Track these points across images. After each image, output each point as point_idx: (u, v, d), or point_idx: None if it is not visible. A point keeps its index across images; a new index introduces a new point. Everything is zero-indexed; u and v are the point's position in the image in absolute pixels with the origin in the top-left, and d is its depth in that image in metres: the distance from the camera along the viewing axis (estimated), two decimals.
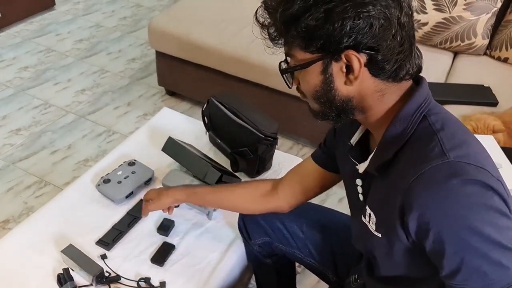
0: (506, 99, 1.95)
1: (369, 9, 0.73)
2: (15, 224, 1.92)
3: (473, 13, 2.19)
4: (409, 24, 0.78)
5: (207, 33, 2.37)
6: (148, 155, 1.60)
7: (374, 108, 0.83)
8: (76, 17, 3.54)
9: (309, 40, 0.77)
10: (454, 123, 0.82)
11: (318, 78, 0.81)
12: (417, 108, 0.81)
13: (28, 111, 2.61)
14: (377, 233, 0.88)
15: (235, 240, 1.36)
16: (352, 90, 0.81)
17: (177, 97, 2.77)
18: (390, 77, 0.79)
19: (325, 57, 0.78)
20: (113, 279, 1.21)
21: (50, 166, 2.26)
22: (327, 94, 0.83)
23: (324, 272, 1.27)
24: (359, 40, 0.74)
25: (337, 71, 0.79)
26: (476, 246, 0.71)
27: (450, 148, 0.75)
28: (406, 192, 0.76)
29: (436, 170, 0.73)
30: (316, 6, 0.74)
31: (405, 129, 0.81)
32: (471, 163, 0.73)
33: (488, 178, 0.72)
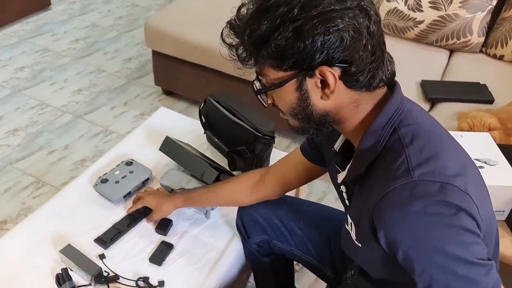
0: (502, 96, 1.95)
1: (338, 22, 0.73)
2: (13, 225, 1.92)
3: (468, 11, 2.20)
4: (378, 31, 0.78)
5: (203, 32, 2.37)
6: (146, 154, 1.60)
7: (349, 119, 0.84)
8: (72, 17, 3.53)
9: (281, 59, 0.77)
10: (426, 134, 0.81)
11: (293, 95, 0.81)
12: (388, 120, 0.81)
13: (25, 111, 2.60)
14: (358, 243, 0.89)
15: (233, 239, 1.36)
16: (328, 104, 0.81)
17: (173, 97, 2.77)
18: (364, 87, 0.79)
19: (299, 74, 0.78)
20: (111, 278, 1.21)
21: (47, 167, 2.26)
22: (304, 110, 0.82)
23: (322, 269, 1.28)
24: (331, 54, 0.74)
25: (312, 87, 0.79)
26: (442, 264, 0.73)
27: (416, 165, 0.75)
28: (374, 211, 0.78)
29: (399, 191, 0.74)
30: (284, 25, 0.74)
31: (377, 142, 0.81)
32: (436, 180, 0.73)
33: (452, 195, 0.73)
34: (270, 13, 0.75)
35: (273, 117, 1.61)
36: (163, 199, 1.34)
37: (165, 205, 1.33)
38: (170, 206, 1.33)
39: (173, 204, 1.33)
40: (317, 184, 2.21)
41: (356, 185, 0.88)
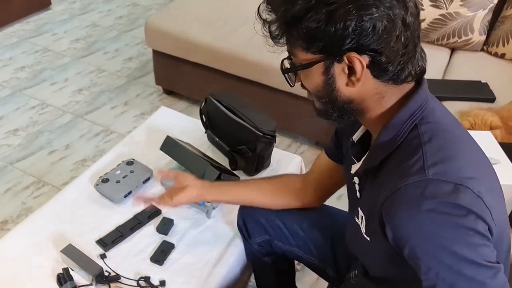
0: (504, 94, 1.95)
1: (372, 11, 0.72)
2: (14, 225, 1.92)
3: (470, 9, 2.19)
4: (414, 24, 0.77)
5: (204, 31, 2.37)
6: (146, 154, 1.60)
7: (372, 110, 0.83)
8: (72, 16, 3.53)
9: (311, 42, 0.76)
10: (445, 134, 0.80)
11: (319, 78, 0.81)
12: (410, 116, 0.80)
13: (25, 111, 2.60)
14: (367, 237, 0.89)
15: (235, 239, 1.35)
16: (353, 92, 0.80)
17: (174, 96, 2.76)
18: (392, 79, 0.79)
19: (327, 58, 0.77)
20: (113, 278, 1.21)
21: (48, 166, 2.26)
22: (329, 94, 0.82)
23: (324, 269, 1.28)
24: (362, 42, 0.73)
25: (339, 72, 0.79)
26: (448, 263, 0.72)
27: (431, 164, 0.74)
28: (383, 205, 0.77)
29: (411, 188, 0.74)
30: (318, 8, 0.73)
31: (395, 136, 0.80)
32: (449, 180, 0.73)
33: (463, 197, 0.72)
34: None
35: (274, 116, 1.61)
36: (192, 181, 1.22)
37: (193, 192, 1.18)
38: (197, 195, 1.19)
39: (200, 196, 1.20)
40: None
41: (368, 177, 0.87)
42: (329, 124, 0.97)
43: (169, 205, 1.20)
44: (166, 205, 1.22)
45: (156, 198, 1.22)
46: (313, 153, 2.40)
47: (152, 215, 1.38)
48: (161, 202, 1.21)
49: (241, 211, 1.31)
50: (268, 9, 0.80)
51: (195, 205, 1.41)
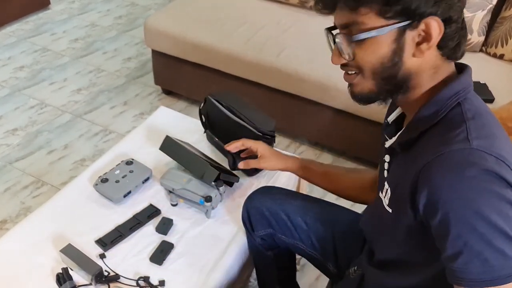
0: (502, 95, 1.95)
1: None
2: (13, 225, 1.92)
3: (468, 10, 2.20)
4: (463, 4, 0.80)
5: (203, 31, 2.37)
6: (146, 154, 1.60)
7: (422, 86, 0.83)
8: (71, 16, 3.53)
9: (388, 4, 0.74)
10: (488, 116, 0.81)
11: (388, 47, 0.78)
12: (454, 94, 0.80)
13: (24, 111, 2.60)
14: (389, 208, 0.88)
15: (234, 238, 1.36)
16: (415, 64, 0.79)
17: (173, 96, 2.76)
18: (449, 53, 0.80)
19: (403, 23, 0.75)
20: (112, 278, 1.21)
21: (47, 166, 2.26)
22: (392, 67, 0.80)
23: (324, 264, 1.28)
24: (442, 7, 0.74)
25: (410, 40, 0.77)
26: (481, 231, 0.70)
27: (475, 137, 0.74)
28: (422, 169, 0.75)
29: (455, 154, 0.73)
30: None
31: (437, 111, 0.80)
32: (492, 154, 0.72)
33: (505, 171, 0.72)
34: None
35: (273, 116, 1.62)
36: (276, 151, 1.31)
37: (274, 159, 1.29)
38: (280, 162, 1.30)
39: (285, 163, 1.30)
40: None
41: (403, 149, 0.86)
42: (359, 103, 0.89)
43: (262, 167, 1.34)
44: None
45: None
46: (312, 153, 2.40)
47: (151, 215, 1.38)
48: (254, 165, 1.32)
49: (246, 204, 1.32)
50: None
51: (195, 205, 1.41)
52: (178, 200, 1.41)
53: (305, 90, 2.18)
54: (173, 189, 1.41)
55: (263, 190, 1.36)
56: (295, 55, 2.20)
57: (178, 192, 1.41)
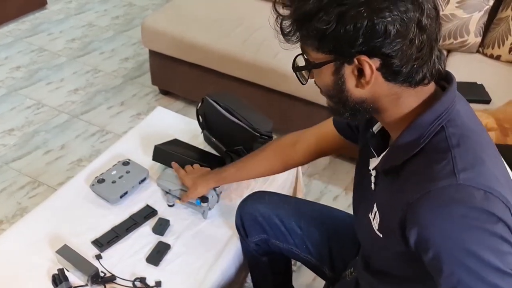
0: (499, 96, 1.96)
1: (385, 14, 0.70)
2: (9, 225, 1.91)
3: (465, 11, 2.20)
4: (431, 26, 0.74)
5: (200, 32, 2.37)
6: (142, 154, 1.59)
7: (389, 110, 0.81)
8: (68, 16, 3.52)
9: (321, 41, 0.75)
10: (473, 137, 0.78)
11: (330, 78, 0.80)
12: (437, 117, 0.78)
13: (21, 111, 2.59)
14: (379, 233, 0.88)
15: (231, 239, 1.35)
16: (364, 93, 0.79)
17: (170, 96, 2.76)
18: (406, 82, 0.77)
19: (337, 59, 0.76)
20: (108, 279, 1.21)
21: (43, 166, 2.25)
22: (339, 94, 0.81)
23: (320, 268, 1.28)
24: (373, 45, 0.72)
25: (349, 74, 0.78)
26: (473, 269, 0.71)
27: (461, 169, 0.73)
28: (410, 207, 0.75)
29: (443, 193, 0.72)
30: (329, 7, 0.72)
31: (420, 137, 0.78)
32: (480, 187, 0.72)
33: (494, 205, 0.71)
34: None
35: (271, 116, 1.62)
36: (198, 179, 1.35)
37: (199, 187, 1.34)
38: (203, 187, 1.34)
39: (207, 185, 1.34)
40: (315, 184, 2.20)
41: (387, 175, 0.86)
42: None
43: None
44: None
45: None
46: None
47: (148, 216, 1.38)
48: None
49: (239, 210, 1.31)
50: (283, 3, 0.79)
51: (191, 206, 1.41)
52: (175, 200, 1.41)
53: (302, 90, 2.18)
54: (169, 189, 1.41)
55: (256, 195, 1.35)
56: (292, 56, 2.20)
57: (175, 193, 1.40)
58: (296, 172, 1.67)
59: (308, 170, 2.27)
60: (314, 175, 2.25)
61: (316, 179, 2.23)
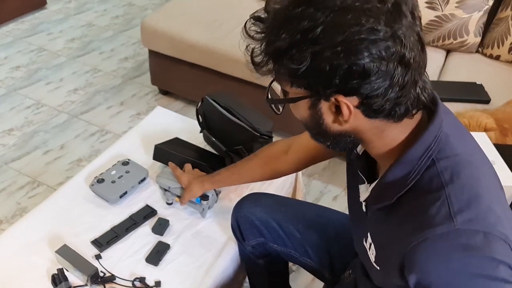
0: (499, 96, 1.96)
1: (363, 55, 0.64)
2: (8, 225, 1.91)
3: (465, 11, 2.20)
4: (415, 60, 0.68)
5: (200, 32, 2.37)
6: (142, 154, 1.59)
7: (373, 142, 0.78)
8: (67, 16, 3.52)
9: (294, 78, 0.71)
10: (466, 169, 0.74)
11: (306, 112, 0.76)
12: (425, 150, 0.73)
13: (20, 111, 2.59)
14: (376, 266, 0.85)
15: (230, 239, 1.35)
16: (344, 128, 0.75)
17: (170, 96, 2.76)
18: (388, 117, 0.72)
19: (313, 95, 0.72)
20: (108, 279, 1.21)
21: (43, 166, 2.25)
22: (318, 127, 0.77)
23: (320, 271, 1.27)
24: (350, 86, 0.67)
25: (326, 110, 0.73)
26: None
27: (458, 210, 0.69)
28: (408, 254, 0.72)
29: (440, 239, 0.69)
30: (303, 45, 0.66)
31: (410, 173, 0.74)
32: (479, 229, 0.69)
33: (495, 247, 0.69)
34: (291, 25, 0.67)
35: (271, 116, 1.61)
36: (194, 180, 1.36)
37: (194, 188, 1.34)
38: (199, 189, 1.34)
39: (201, 187, 1.34)
40: (314, 184, 2.20)
41: (380, 211, 0.82)
42: None
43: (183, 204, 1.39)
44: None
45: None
46: None
47: (147, 216, 1.38)
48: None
49: (235, 214, 1.30)
50: (254, 31, 0.72)
51: (191, 204, 1.40)
52: (174, 198, 1.41)
53: None
54: (169, 187, 1.41)
55: (252, 198, 1.32)
56: None
57: (175, 191, 1.40)
58: (295, 175, 1.67)
59: (308, 170, 2.27)
60: (313, 175, 2.25)
61: (316, 179, 2.23)
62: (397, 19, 0.66)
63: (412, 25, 0.68)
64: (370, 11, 0.65)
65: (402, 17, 0.67)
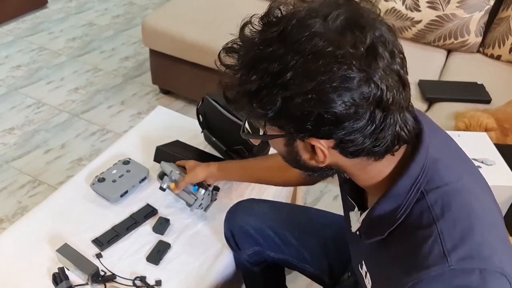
0: (499, 96, 1.96)
1: (336, 103, 0.62)
2: (9, 224, 1.91)
3: (466, 11, 2.20)
4: (396, 100, 0.65)
5: (200, 31, 2.37)
6: (143, 153, 1.60)
7: (358, 176, 0.75)
8: (68, 15, 3.52)
9: (267, 121, 0.69)
10: (456, 199, 0.71)
11: (283, 149, 0.74)
12: (413, 182, 0.70)
13: (21, 110, 2.59)
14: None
15: None
16: (323, 165, 0.72)
17: (171, 96, 2.76)
18: (368, 156, 0.70)
19: (287, 135, 0.70)
20: (108, 278, 1.21)
21: (43, 166, 2.25)
22: (297, 163, 0.75)
23: (319, 276, 1.25)
24: (323, 131, 0.65)
25: (302, 149, 0.72)
26: None
27: (451, 248, 0.67)
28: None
29: (435, 281, 0.66)
30: (273, 88, 0.64)
31: (399, 207, 0.71)
32: (474, 266, 0.66)
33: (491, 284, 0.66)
34: (261, 65, 0.64)
35: None
36: (201, 164, 1.32)
37: (198, 169, 1.30)
38: (202, 170, 1.30)
39: (206, 169, 1.30)
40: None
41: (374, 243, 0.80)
42: None
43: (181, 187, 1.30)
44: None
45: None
46: None
47: (148, 215, 1.38)
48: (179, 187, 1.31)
49: (228, 223, 1.28)
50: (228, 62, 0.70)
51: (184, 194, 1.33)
52: (170, 184, 1.33)
53: None
54: (170, 171, 1.35)
55: (244, 206, 1.29)
56: None
57: (174, 175, 1.34)
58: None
59: None
60: None
61: None
62: (373, 63, 0.62)
63: (390, 65, 0.64)
64: (343, 57, 0.61)
65: (379, 59, 0.63)
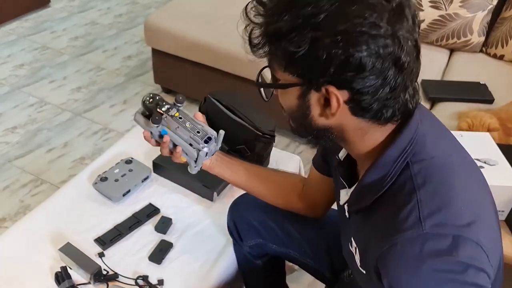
0: (502, 96, 1.95)
1: (362, 48, 0.65)
2: (12, 223, 1.92)
3: (469, 10, 2.20)
4: (409, 65, 0.69)
5: (203, 30, 2.37)
6: (145, 153, 1.60)
7: (355, 143, 0.78)
8: (71, 14, 3.52)
9: (289, 63, 0.71)
10: (439, 173, 0.73)
11: (294, 101, 0.76)
12: (401, 153, 0.73)
13: (24, 109, 2.60)
14: (362, 270, 0.85)
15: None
16: (329, 122, 0.75)
17: (173, 95, 2.76)
18: (374, 119, 0.73)
19: (304, 84, 0.72)
20: (111, 277, 1.21)
21: (46, 164, 2.25)
22: (303, 119, 0.77)
23: (320, 271, 1.26)
24: (344, 78, 0.67)
25: (314, 101, 0.73)
26: None
27: (427, 215, 0.68)
28: (379, 258, 0.72)
29: (408, 244, 0.68)
30: (303, 30, 0.66)
31: (385, 176, 0.74)
32: (447, 233, 0.68)
33: (463, 251, 0.67)
34: (295, 8, 0.67)
35: (274, 116, 1.61)
36: None
37: None
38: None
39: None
40: None
41: (359, 213, 0.83)
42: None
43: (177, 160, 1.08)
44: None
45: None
46: (311, 153, 2.40)
47: (150, 214, 1.38)
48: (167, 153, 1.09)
49: (232, 214, 1.28)
50: (255, 12, 0.73)
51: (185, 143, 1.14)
52: (167, 128, 1.14)
53: None
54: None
55: (248, 197, 1.27)
56: None
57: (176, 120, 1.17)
58: (299, 171, 1.68)
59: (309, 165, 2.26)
60: None
61: None
62: (399, 20, 0.67)
63: (411, 30, 0.69)
64: (375, 6, 0.65)
65: (404, 19, 0.67)
